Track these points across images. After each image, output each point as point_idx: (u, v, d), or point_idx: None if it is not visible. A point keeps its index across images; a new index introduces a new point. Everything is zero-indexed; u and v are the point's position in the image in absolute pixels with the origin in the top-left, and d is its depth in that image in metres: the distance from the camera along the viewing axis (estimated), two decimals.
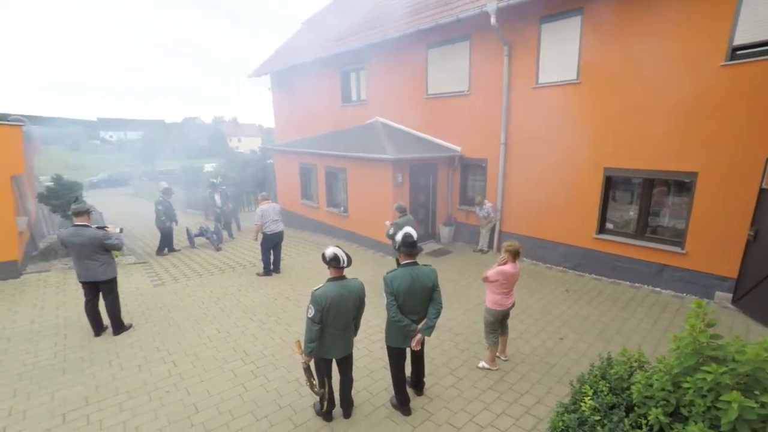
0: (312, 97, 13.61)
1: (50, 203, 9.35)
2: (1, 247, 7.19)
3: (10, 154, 7.22)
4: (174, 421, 3.67)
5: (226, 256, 9.40)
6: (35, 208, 9.93)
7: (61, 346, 4.98)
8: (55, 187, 9.30)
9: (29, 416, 3.74)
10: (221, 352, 4.89)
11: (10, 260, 7.31)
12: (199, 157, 46.73)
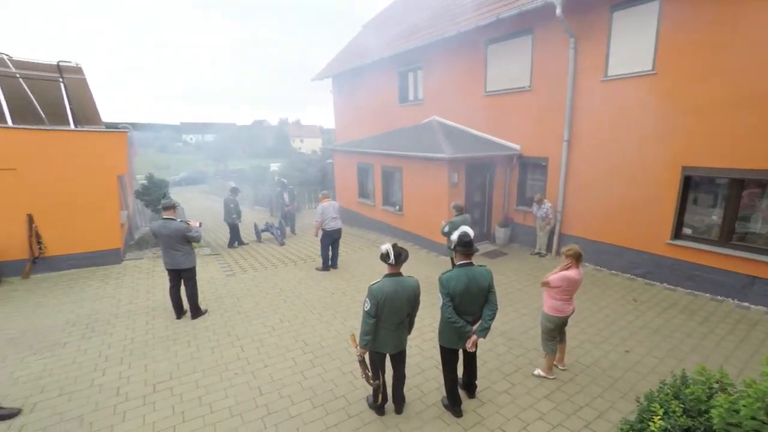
0: (370, 98, 13.90)
1: (143, 199, 10.52)
2: (109, 237, 8.26)
3: (118, 157, 8.22)
4: (241, 402, 3.98)
5: (289, 250, 9.91)
6: (133, 203, 11.22)
7: (150, 326, 5.62)
8: (147, 184, 10.46)
9: (131, 382, 4.30)
10: (283, 341, 5.21)
11: (115, 248, 8.39)
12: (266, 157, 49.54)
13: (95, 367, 4.55)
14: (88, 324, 5.63)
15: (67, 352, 4.86)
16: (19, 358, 4.74)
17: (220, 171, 34.63)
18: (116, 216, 8.33)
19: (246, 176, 28.34)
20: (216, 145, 47.06)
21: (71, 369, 4.51)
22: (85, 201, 7.84)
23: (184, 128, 68.90)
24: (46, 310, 6.15)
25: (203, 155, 44.83)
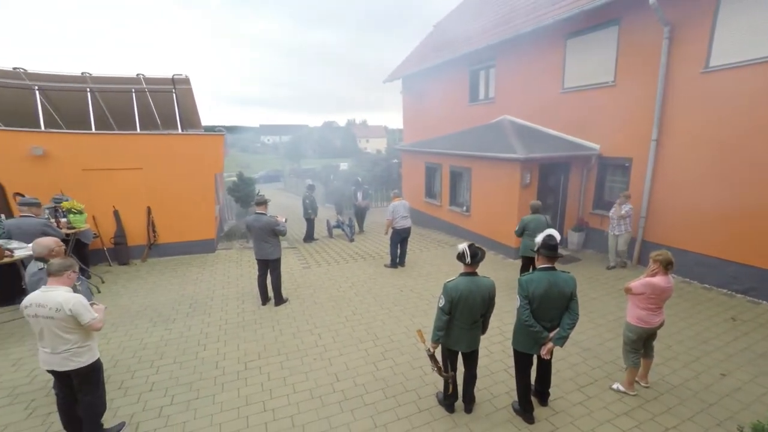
0: (439, 98, 13.85)
1: (234, 195, 11.56)
2: (205, 228, 9.24)
3: (216, 157, 9.15)
4: (320, 385, 4.27)
5: (358, 246, 10.26)
6: (223, 198, 12.39)
7: (240, 309, 6.20)
8: (238, 182, 11.48)
9: (227, 358, 4.80)
10: (356, 332, 5.45)
11: (210, 239, 9.36)
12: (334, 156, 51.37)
13: (198, 342, 5.16)
14: (191, 304, 6.38)
15: (177, 327, 5.57)
16: (144, 328, 5.55)
17: (293, 170, 36.63)
18: (212, 210, 9.30)
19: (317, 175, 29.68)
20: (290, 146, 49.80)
21: (180, 341, 5.16)
22: (188, 196, 8.84)
23: (262, 130, 73.90)
24: (159, 289, 7.08)
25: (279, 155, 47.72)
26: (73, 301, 3.03)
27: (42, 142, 7.65)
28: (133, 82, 9.01)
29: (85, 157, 7.98)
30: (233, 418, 3.75)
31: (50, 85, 8.67)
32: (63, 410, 3.34)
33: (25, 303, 3.06)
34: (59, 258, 3.25)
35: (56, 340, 3.05)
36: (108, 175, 8.16)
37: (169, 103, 9.45)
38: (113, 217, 8.32)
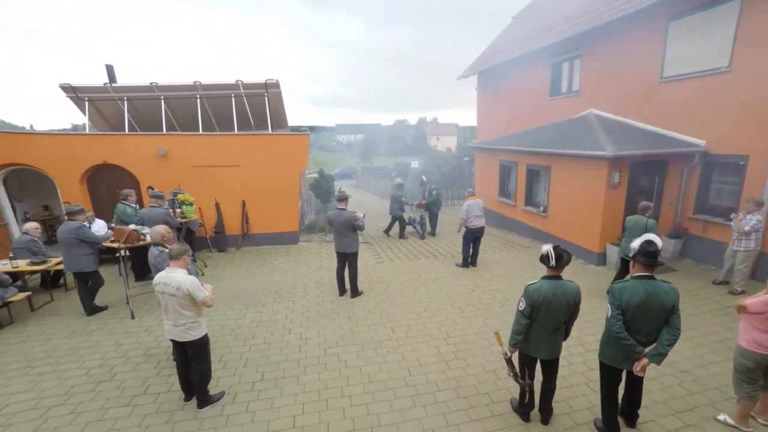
0: (517, 93, 13.17)
1: (315, 190, 12.21)
2: (289, 221, 9.90)
3: (300, 156, 9.72)
4: (393, 378, 4.35)
5: (429, 244, 10.23)
6: (304, 194, 13.17)
7: (320, 298, 6.56)
8: (319, 178, 12.11)
9: (309, 343, 5.12)
10: (428, 329, 5.46)
11: (293, 231, 10.01)
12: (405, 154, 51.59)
13: (283, 326, 5.56)
14: (277, 291, 6.89)
15: (266, 311, 6.06)
16: (238, 309, 6.13)
17: (366, 167, 37.51)
18: (296, 204, 9.95)
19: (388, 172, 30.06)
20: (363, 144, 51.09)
21: (269, 324, 5.61)
22: (277, 191, 9.51)
23: (338, 129, 76.75)
24: (250, 275, 7.75)
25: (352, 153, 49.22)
26: (189, 281, 3.46)
27: (164, 143, 8.81)
28: (233, 88, 9.90)
29: (194, 156, 9.01)
30: (314, 399, 3.99)
31: (171, 94, 9.90)
32: (181, 374, 3.89)
33: (156, 281, 3.58)
34: (178, 244, 3.72)
35: (177, 314, 3.53)
36: (211, 171, 9.12)
37: (262, 105, 10.23)
38: (215, 209, 9.27)
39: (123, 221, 6.52)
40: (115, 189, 8.68)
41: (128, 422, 3.67)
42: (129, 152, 8.78)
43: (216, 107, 10.29)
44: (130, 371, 4.48)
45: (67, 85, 9.42)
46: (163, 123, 9.83)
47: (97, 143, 8.76)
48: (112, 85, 9.62)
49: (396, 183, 11.77)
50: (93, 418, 3.74)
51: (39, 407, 3.90)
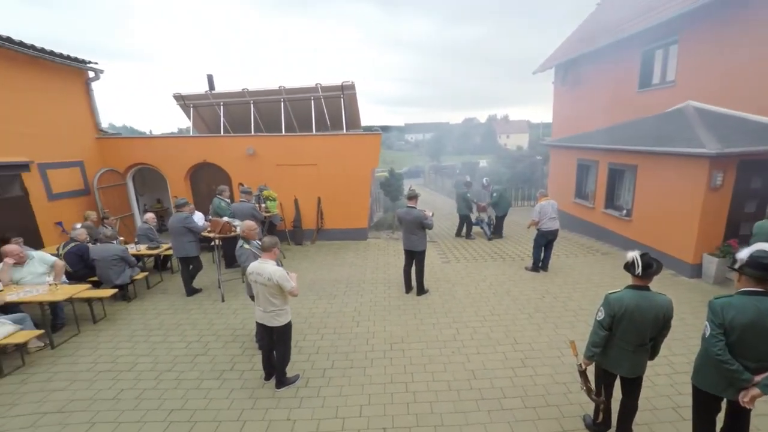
0: (599, 86, 11.99)
1: (385, 189, 12.42)
2: (360, 218, 10.18)
3: (372, 155, 9.90)
4: (457, 379, 4.27)
5: (497, 246, 9.84)
6: (373, 192, 13.45)
7: (387, 294, 6.66)
8: (389, 177, 12.30)
9: (376, 336, 5.21)
10: (494, 333, 5.27)
11: (363, 228, 10.30)
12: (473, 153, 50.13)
13: (352, 318, 5.76)
14: (347, 284, 7.14)
15: (337, 303, 6.31)
16: (312, 299, 6.46)
17: (433, 166, 37.16)
18: (367, 202, 10.22)
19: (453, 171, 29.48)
20: (431, 143, 50.62)
21: (339, 315, 5.84)
22: (349, 188, 9.81)
23: (407, 129, 76.97)
24: (324, 268, 8.13)
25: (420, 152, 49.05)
26: (278, 273, 3.76)
27: (253, 143, 9.58)
28: (312, 91, 10.39)
29: (277, 155, 9.66)
30: (380, 392, 4.07)
31: (259, 99, 10.70)
32: (264, 356, 4.25)
33: (250, 270, 3.93)
34: (269, 237, 4.05)
35: (266, 302, 3.85)
36: (292, 169, 9.70)
37: (338, 106, 10.61)
38: (294, 204, 9.86)
39: (218, 214, 7.24)
40: (212, 185, 9.67)
41: (219, 393, 4.08)
42: (223, 152, 9.70)
43: (297, 109, 10.89)
44: (220, 348, 4.98)
45: (178, 95, 10.68)
46: (252, 125, 10.68)
47: (198, 144, 9.82)
48: (212, 92, 10.68)
49: (464, 181, 11.52)
50: (192, 386, 4.22)
51: (155, 370, 4.52)
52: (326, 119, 10.86)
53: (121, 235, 8.22)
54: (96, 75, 9.19)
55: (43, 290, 5.21)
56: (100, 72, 9.20)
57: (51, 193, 8.06)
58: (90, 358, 4.78)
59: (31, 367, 4.62)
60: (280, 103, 10.56)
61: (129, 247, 7.07)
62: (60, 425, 3.66)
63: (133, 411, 3.84)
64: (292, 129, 11.14)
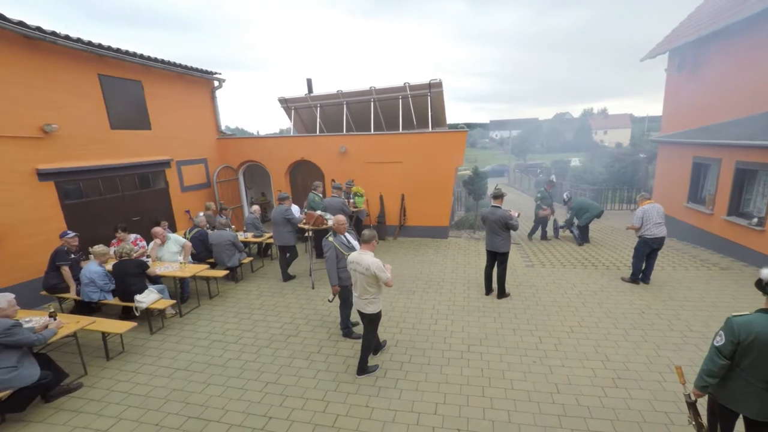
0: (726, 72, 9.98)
1: (468, 187, 12.08)
2: (441, 216, 10.01)
3: (457, 153, 9.61)
4: (538, 390, 3.99)
5: (588, 252, 8.92)
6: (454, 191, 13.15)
7: (466, 294, 6.49)
8: (472, 176, 11.94)
9: (453, 336, 5.13)
10: (582, 346, 4.81)
11: (444, 226, 10.13)
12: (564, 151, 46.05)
13: (431, 316, 5.73)
14: (427, 281, 7.11)
15: (415, 299, 6.33)
16: (393, 294, 6.56)
17: (518, 165, 35.04)
18: (450, 200, 10.02)
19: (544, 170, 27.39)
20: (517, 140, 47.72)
21: (417, 312, 5.86)
22: (432, 186, 9.68)
23: (492, 126, 73.59)
24: (405, 264, 8.20)
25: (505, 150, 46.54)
26: (376, 264, 3.95)
27: (345, 142, 10.02)
28: (400, 90, 10.49)
29: (366, 153, 9.95)
30: (456, 392, 3.99)
31: (351, 99, 11.16)
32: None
33: (350, 259, 4.22)
34: (368, 230, 4.26)
35: (363, 289, 4.09)
36: (379, 167, 9.92)
37: (424, 105, 10.55)
38: (379, 201, 10.09)
39: (312, 207, 7.76)
40: (307, 180, 10.40)
41: (306, 372, 4.41)
42: (319, 150, 10.29)
43: (385, 108, 11.10)
44: (310, 332, 5.36)
45: (282, 98, 11.68)
46: (344, 124, 11.20)
47: (298, 143, 10.60)
48: (310, 95, 11.46)
49: (547, 180, 10.67)
50: (284, 363, 4.62)
51: (255, 345, 5.06)
52: (413, 117, 10.88)
53: (232, 224, 9.31)
54: (219, 84, 10.52)
55: (175, 267, 6.18)
56: (223, 81, 10.50)
57: (183, 186, 9.48)
58: (206, 328, 5.53)
59: (168, 329, 5.53)
60: (370, 103, 10.88)
61: (238, 234, 7.98)
62: (186, 381, 4.32)
63: (238, 378, 4.35)
64: (380, 128, 11.38)
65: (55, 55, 6.62)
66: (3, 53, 5.95)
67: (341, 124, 11.29)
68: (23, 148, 6.21)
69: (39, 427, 3.68)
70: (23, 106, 6.20)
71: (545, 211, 10.08)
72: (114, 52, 7.37)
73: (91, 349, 4.87)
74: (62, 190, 6.79)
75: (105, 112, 7.54)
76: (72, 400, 4.02)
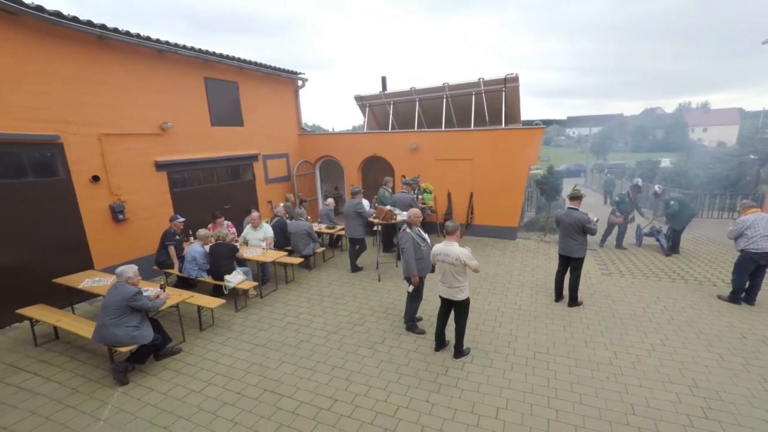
0: None
1: (541, 187, 11.32)
2: (510, 216, 9.53)
3: (531, 151, 9.04)
4: (611, 409, 3.67)
5: (676, 264, 7.88)
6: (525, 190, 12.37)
7: (533, 299, 6.15)
8: (547, 175, 11.18)
9: (518, 342, 4.90)
10: (664, 368, 4.30)
11: (513, 226, 9.65)
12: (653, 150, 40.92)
13: (495, 318, 5.54)
14: (492, 282, 6.87)
15: (480, 299, 6.14)
16: None
17: (597, 165, 31.94)
18: (520, 200, 9.50)
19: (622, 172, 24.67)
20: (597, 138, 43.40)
21: (481, 313, 5.68)
22: (502, 185, 9.21)
23: (569, 122, 67.89)
24: None
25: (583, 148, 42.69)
26: (465, 253, 4.11)
27: (416, 139, 9.99)
28: (474, 86, 10.13)
29: (437, 150, 9.79)
30: (519, 399, 3.83)
31: (424, 96, 11.05)
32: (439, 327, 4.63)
33: (435, 251, 4.37)
34: (452, 222, 4.35)
35: (451, 279, 4.22)
36: (449, 164, 9.70)
37: (498, 100, 10.05)
38: (446, 198, 9.87)
39: (382, 202, 7.93)
40: (378, 176, 10.60)
41: (370, 361, 4.55)
42: (391, 146, 10.37)
43: (457, 105, 10.80)
44: (374, 322, 5.51)
45: (358, 96, 12.00)
46: (416, 121, 11.16)
47: (370, 140, 10.80)
48: (384, 92, 11.61)
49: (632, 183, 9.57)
50: (350, 350, 4.82)
51: (324, 330, 5.34)
52: (485, 114, 10.45)
53: (308, 215, 9.88)
54: (303, 83, 11.15)
55: (259, 252, 6.76)
56: (306, 80, 11.10)
57: (267, 178, 10.29)
58: (282, 311, 5.97)
59: (250, 308, 6.09)
60: (442, 100, 10.66)
61: (313, 225, 8.45)
62: (263, 357, 4.73)
63: (308, 359, 4.64)
64: (451, 124, 11.09)
65: (173, 63, 7.58)
66: (140, 67, 7.01)
67: (413, 120, 11.26)
68: (146, 143, 7.25)
69: (152, 378, 4.32)
70: (149, 108, 7.24)
71: (617, 219, 9.06)
72: (217, 57, 8.24)
73: (187, 320, 5.52)
74: (172, 180, 7.79)
75: (207, 111, 8.46)
76: (174, 362, 4.64)
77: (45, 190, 5.89)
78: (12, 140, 5.48)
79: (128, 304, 4.12)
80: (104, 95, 6.51)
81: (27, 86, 5.59)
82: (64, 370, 4.53)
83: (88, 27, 5.97)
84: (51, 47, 5.80)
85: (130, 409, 3.83)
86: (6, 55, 5.35)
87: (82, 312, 5.93)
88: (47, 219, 5.91)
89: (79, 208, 6.30)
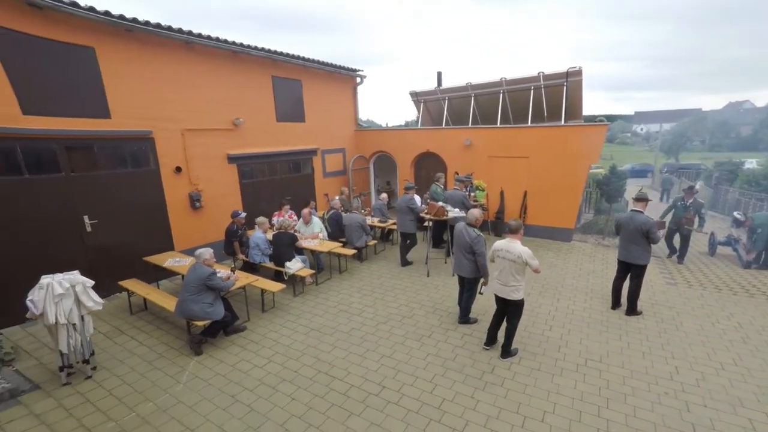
0: None
1: (602, 188, 10.58)
2: (566, 217, 9.06)
3: (593, 149, 8.44)
4: (667, 426, 3.47)
5: (757, 278, 7.04)
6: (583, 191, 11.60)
7: (588, 305, 5.87)
8: (609, 175, 10.44)
9: (569, 347, 4.75)
10: (735, 389, 3.96)
11: (569, 228, 9.17)
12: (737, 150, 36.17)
13: (545, 321, 5.39)
14: (543, 285, 6.65)
15: (530, 301, 5.83)
16: None
17: (667, 165, 28.99)
18: (578, 200, 8.98)
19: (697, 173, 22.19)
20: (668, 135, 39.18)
21: (531, 315, 5.49)
22: (559, 184, 8.78)
23: (637, 118, 62.08)
24: None
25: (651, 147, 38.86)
26: (526, 252, 4.11)
27: (470, 135, 9.83)
28: (533, 81, 9.66)
29: (491, 147, 9.57)
30: (567, 405, 3.76)
31: (480, 92, 10.74)
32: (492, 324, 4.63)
33: (496, 247, 4.39)
34: (514, 220, 4.34)
35: (509, 277, 4.23)
36: (503, 161, 9.44)
37: (558, 95, 9.53)
38: (499, 196, 9.59)
39: (434, 198, 7.96)
40: (430, 171, 10.59)
41: (417, 353, 4.68)
42: (444, 143, 10.30)
43: (514, 100, 10.40)
44: (422, 316, 5.62)
45: (413, 92, 12.01)
46: (470, 117, 10.93)
47: (424, 136, 10.80)
48: (439, 88, 11.48)
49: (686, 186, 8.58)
50: (398, 341, 4.98)
51: (374, 320, 5.54)
52: (543, 109, 9.93)
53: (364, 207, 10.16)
54: (361, 80, 11.42)
55: (316, 242, 7.15)
56: (364, 77, 11.36)
57: (325, 172, 10.75)
58: (335, 299, 6.29)
59: (306, 295, 6.49)
60: (498, 95, 10.32)
61: (369, 218, 8.70)
62: (318, 341, 5.05)
63: (358, 346, 4.88)
64: (506, 120, 10.71)
65: (245, 62, 8.17)
66: (217, 67, 7.67)
67: (467, 116, 11.03)
68: (221, 138, 7.94)
69: (222, 352, 4.82)
70: (224, 105, 7.90)
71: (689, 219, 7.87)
72: (284, 56, 8.73)
73: (251, 301, 6.01)
74: (241, 172, 8.46)
75: (273, 107, 9.02)
76: (240, 339, 5.12)
77: (140, 179, 6.75)
78: (121, 136, 6.37)
79: (204, 283, 4.62)
80: (187, 94, 7.23)
81: (131, 87, 6.42)
82: (152, 337, 5.21)
83: (179, 34, 6.67)
84: (149, 52, 6.59)
85: (204, 377, 4.33)
86: (121, 62, 6.24)
87: (165, 288, 6.70)
88: (141, 204, 6.77)
89: (165, 195, 7.10)
